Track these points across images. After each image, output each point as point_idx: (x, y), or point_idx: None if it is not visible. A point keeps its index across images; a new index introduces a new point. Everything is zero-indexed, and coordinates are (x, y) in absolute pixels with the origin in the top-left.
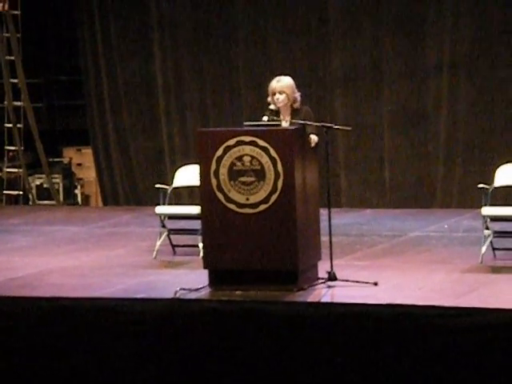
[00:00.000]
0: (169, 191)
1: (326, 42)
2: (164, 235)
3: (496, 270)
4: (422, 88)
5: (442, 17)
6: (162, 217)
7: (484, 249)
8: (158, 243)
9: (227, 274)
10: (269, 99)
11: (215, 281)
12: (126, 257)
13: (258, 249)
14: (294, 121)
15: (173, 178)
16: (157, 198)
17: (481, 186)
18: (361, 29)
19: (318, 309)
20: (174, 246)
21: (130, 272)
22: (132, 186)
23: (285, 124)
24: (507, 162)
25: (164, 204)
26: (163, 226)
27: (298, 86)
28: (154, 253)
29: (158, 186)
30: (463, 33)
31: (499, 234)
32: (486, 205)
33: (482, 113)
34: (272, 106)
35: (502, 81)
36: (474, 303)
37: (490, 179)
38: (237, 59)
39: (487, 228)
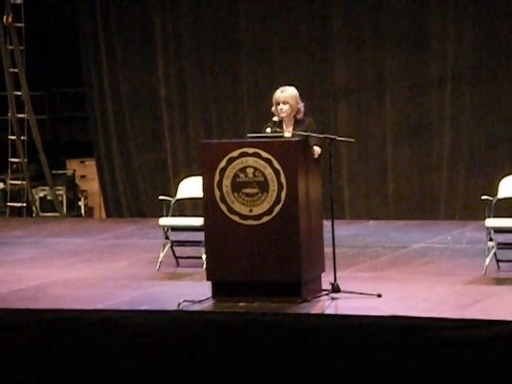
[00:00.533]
0: (172, 203)
1: (329, 53)
2: (167, 247)
3: (500, 281)
4: (425, 99)
5: (445, 29)
6: (166, 228)
7: (488, 260)
8: (162, 255)
9: (230, 285)
10: (273, 109)
11: (218, 292)
12: (130, 268)
13: (262, 260)
14: (296, 132)
15: (176, 189)
16: (160, 210)
17: (484, 197)
18: (364, 40)
19: (322, 320)
20: (177, 258)
21: (134, 284)
22: (135, 198)
23: (287, 134)
24: (511, 174)
25: (167, 216)
26: (166, 238)
27: (302, 97)
28: (158, 264)
29: (161, 197)
30: (466, 44)
31: (503, 245)
32: (489, 216)
33: (485, 124)
34: (275, 118)
35: (505, 92)
36: (478, 315)
37: (493, 191)
38: (240, 71)
39: (491, 239)
